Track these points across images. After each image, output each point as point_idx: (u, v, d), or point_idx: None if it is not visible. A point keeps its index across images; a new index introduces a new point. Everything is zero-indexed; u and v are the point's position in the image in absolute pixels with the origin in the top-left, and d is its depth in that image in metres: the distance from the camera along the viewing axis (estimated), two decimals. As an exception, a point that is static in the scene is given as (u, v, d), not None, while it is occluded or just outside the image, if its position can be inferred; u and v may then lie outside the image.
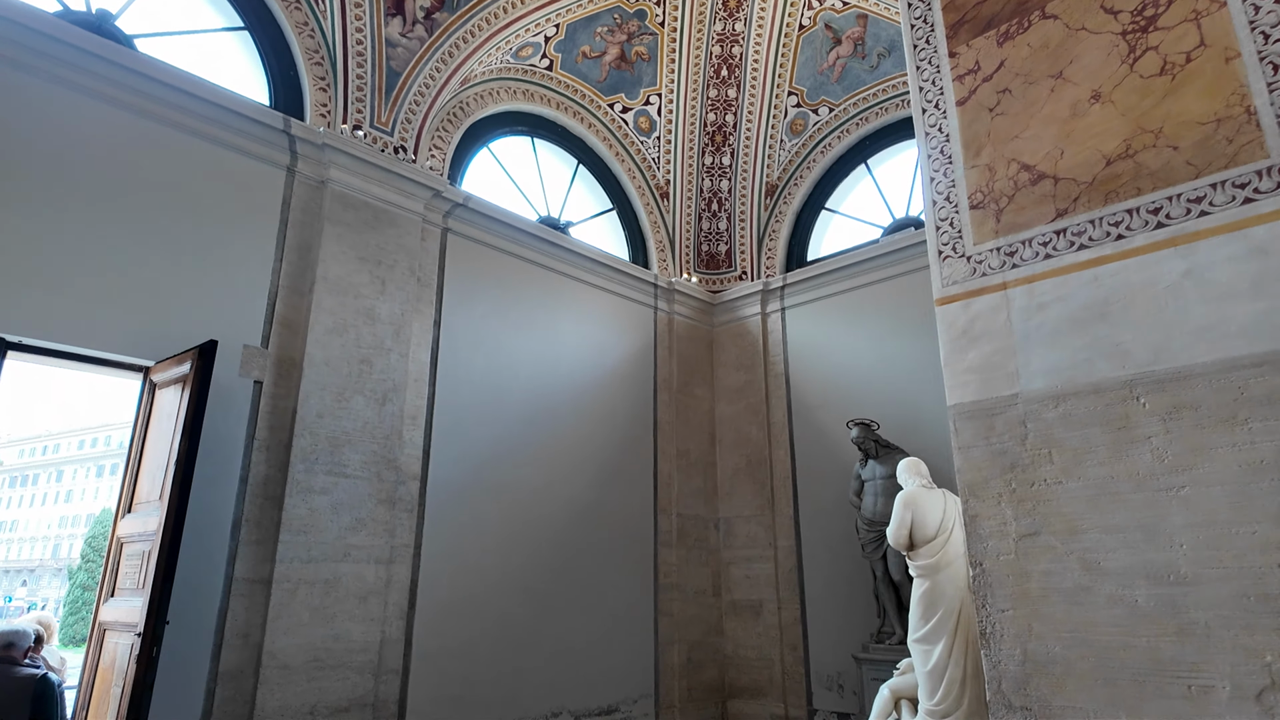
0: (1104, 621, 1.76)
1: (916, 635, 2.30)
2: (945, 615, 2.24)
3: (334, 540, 5.22)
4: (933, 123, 2.25)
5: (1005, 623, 1.85)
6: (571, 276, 7.50)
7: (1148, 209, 1.90)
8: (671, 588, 7.53)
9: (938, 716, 2.16)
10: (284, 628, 4.89)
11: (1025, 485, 1.89)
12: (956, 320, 2.08)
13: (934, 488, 2.64)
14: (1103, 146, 1.99)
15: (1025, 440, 1.91)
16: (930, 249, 2.22)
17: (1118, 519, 1.78)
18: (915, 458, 2.61)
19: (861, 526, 6.36)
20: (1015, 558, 1.88)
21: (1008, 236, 2.06)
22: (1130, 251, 1.87)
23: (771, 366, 8.27)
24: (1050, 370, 1.93)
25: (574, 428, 7.16)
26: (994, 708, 1.83)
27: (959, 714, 2.15)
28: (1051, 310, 1.97)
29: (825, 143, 8.40)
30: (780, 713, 7.32)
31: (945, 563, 2.29)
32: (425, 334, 6.21)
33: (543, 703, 6.30)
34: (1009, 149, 2.10)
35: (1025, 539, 1.87)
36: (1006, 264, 2.05)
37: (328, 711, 4.96)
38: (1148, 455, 1.79)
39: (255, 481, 5.06)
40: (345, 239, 5.74)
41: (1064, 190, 2.00)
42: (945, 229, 2.21)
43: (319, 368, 5.41)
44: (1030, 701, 1.78)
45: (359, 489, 5.42)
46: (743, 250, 8.74)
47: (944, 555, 2.29)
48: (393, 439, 5.69)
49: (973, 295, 2.07)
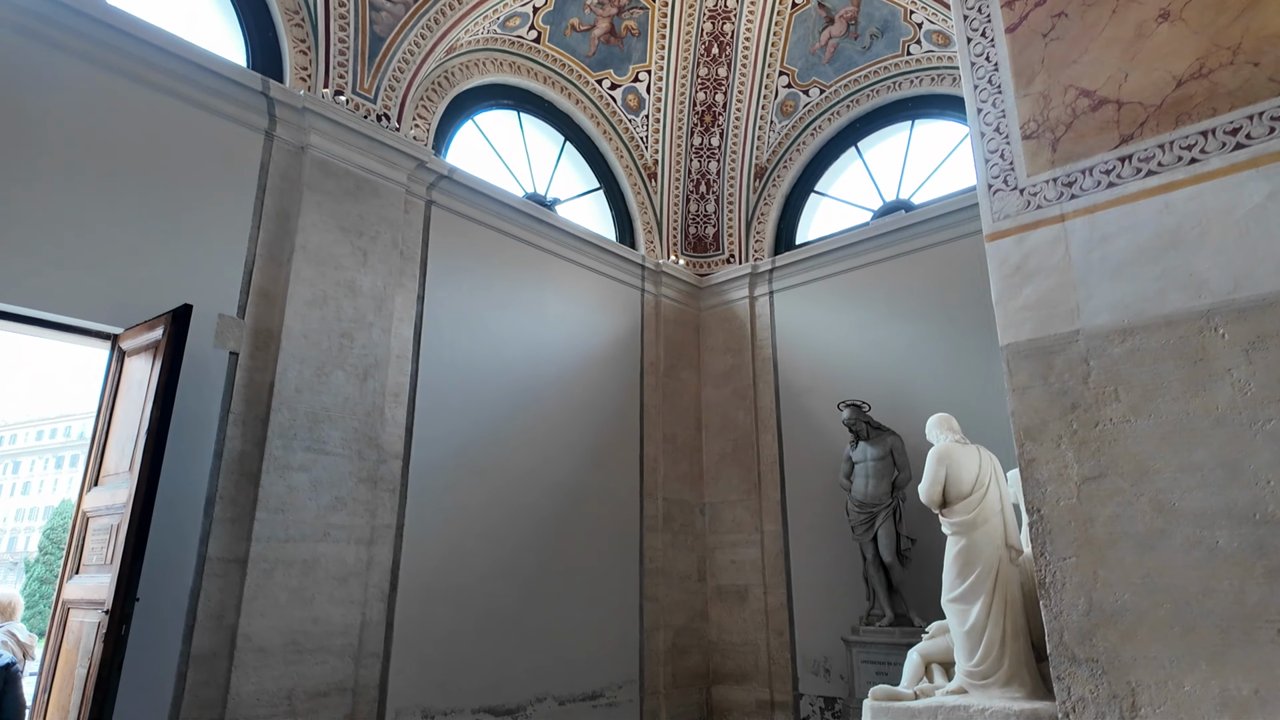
0: (1181, 566, 1.67)
1: (953, 594, 2.20)
2: (983, 573, 2.14)
3: (313, 519, 5.02)
4: (979, 51, 2.14)
5: (1067, 571, 1.75)
6: (558, 255, 7.33)
7: (1225, 130, 1.80)
8: (657, 573, 7.41)
9: (978, 678, 2.07)
10: (260, 609, 4.68)
11: (1088, 426, 1.79)
12: (1009, 256, 1.97)
13: (967, 443, 2.54)
14: (1173, 67, 1.89)
15: (1088, 379, 1.81)
16: (979, 182, 2.11)
17: (1195, 457, 1.68)
18: (945, 414, 2.51)
19: (852, 508, 6.30)
20: (1078, 502, 1.78)
21: (1065, 166, 1.96)
22: (1206, 175, 1.77)
23: (759, 350, 8.18)
24: (1115, 304, 1.83)
25: (560, 410, 7.00)
26: (1056, 662, 1.73)
27: (1000, 675, 2.05)
28: (1116, 241, 1.86)
29: (816, 125, 8.32)
30: (765, 698, 7.25)
31: (982, 519, 2.20)
32: (408, 309, 6.00)
33: (527, 688, 6.15)
34: (1066, 75, 2.00)
35: (1089, 482, 1.77)
36: (1064, 195, 1.95)
37: (306, 696, 4.76)
38: (1228, 389, 1.69)
39: (230, 457, 4.83)
40: (326, 208, 5.52)
41: (1129, 115, 1.90)
42: (995, 161, 2.10)
43: (298, 340, 5.19)
44: (1097, 653, 1.69)
45: (339, 467, 5.22)
46: (730, 233, 8.64)
47: (981, 511, 2.19)
48: (374, 416, 5.49)
49: (1027, 229, 1.96)
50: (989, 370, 6.56)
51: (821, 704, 6.95)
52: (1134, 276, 1.82)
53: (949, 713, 1.96)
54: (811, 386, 7.71)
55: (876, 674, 5.85)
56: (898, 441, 6.36)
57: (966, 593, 2.17)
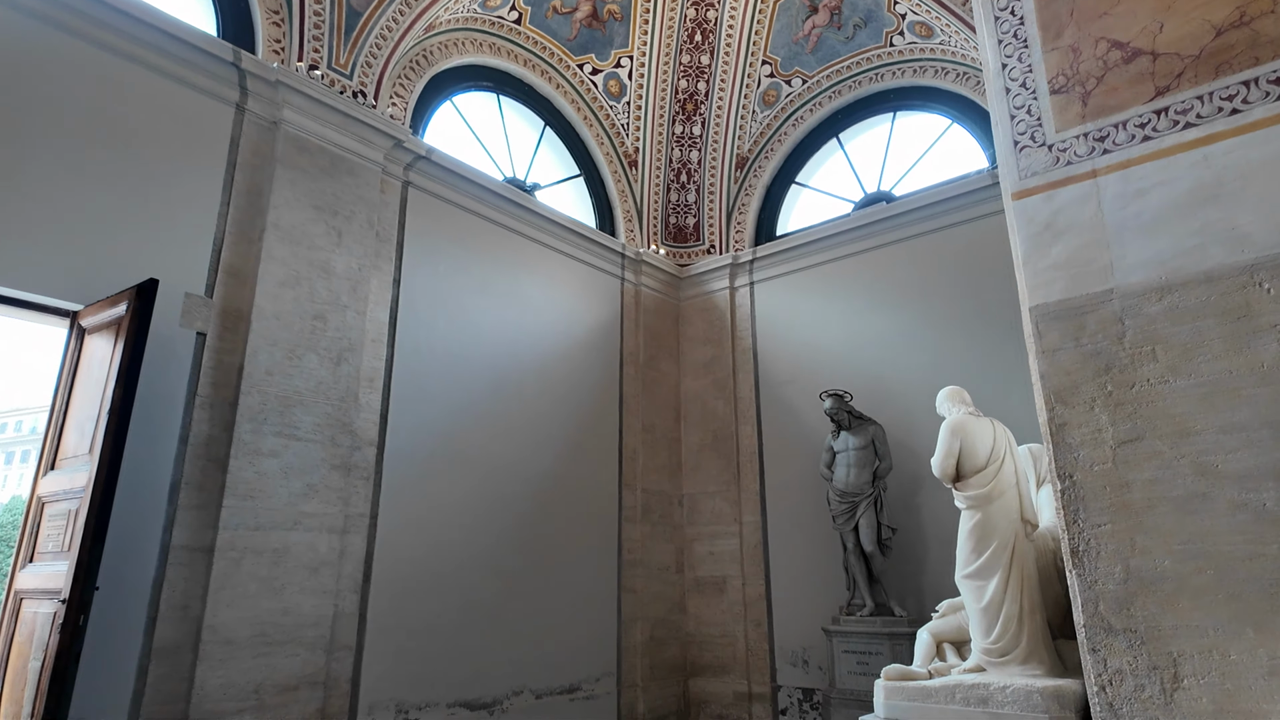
0: (1225, 530, 1.61)
1: (968, 570, 2.13)
2: (999, 548, 2.07)
3: (283, 507, 4.83)
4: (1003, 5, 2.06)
5: (1102, 538, 1.69)
6: (538, 241, 7.19)
7: (1269, 79, 1.75)
8: (635, 564, 7.32)
9: (996, 655, 2.00)
10: (227, 600, 4.49)
11: (1124, 387, 1.72)
12: (1037, 214, 1.90)
13: (980, 415, 2.48)
14: (1211, 16, 1.84)
15: (1123, 338, 1.75)
16: (1002, 140, 2.05)
17: (1239, 417, 1.63)
18: (956, 386, 2.45)
19: (833, 498, 6.27)
20: (1113, 466, 1.72)
21: (1097, 121, 1.90)
22: (1248, 126, 1.73)
23: (739, 341, 8.13)
24: (1151, 261, 1.77)
25: (539, 398, 6.87)
26: (1091, 633, 1.66)
27: (1018, 651, 1.99)
28: (1152, 196, 1.81)
29: (797, 115, 8.28)
30: (743, 690, 7.20)
31: (998, 492, 2.13)
32: (384, 292, 5.83)
33: (503, 681, 6.02)
34: (1096, 27, 1.95)
35: (1125, 445, 1.70)
36: (1096, 150, 1.89)
37: (275, 690, 4.59)
38: (1274, 345, 1.64)
39: (197, 442, 4.63)
40: (299, 185, 5.32)
41: (1164, 66, 1.85)
42: (1021, 117, 2.03)
43: (269, 322, 4.99)
44: (1135, 623, 1.63)
45: (311, 453, 5.04)
46: (711, 223, 8.57)
47: (997, 484, 2.13)
48: (348, 401, 5.31)
49: (1056, 186, 1.90)
50: (970, 361, 6.59)
51: (800, 695, 6.93)
52: (1171, 232, 1.77)
53: (967, 691, 1.89)
54: (791, 378, 7.68)
55: (858, 664, 5.82)
56: (879, 431, 6.34)
57: (982, 568, 2.10)
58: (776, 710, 7.04)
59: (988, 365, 6.49)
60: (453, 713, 5.62)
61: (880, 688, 2.11)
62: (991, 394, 6.40)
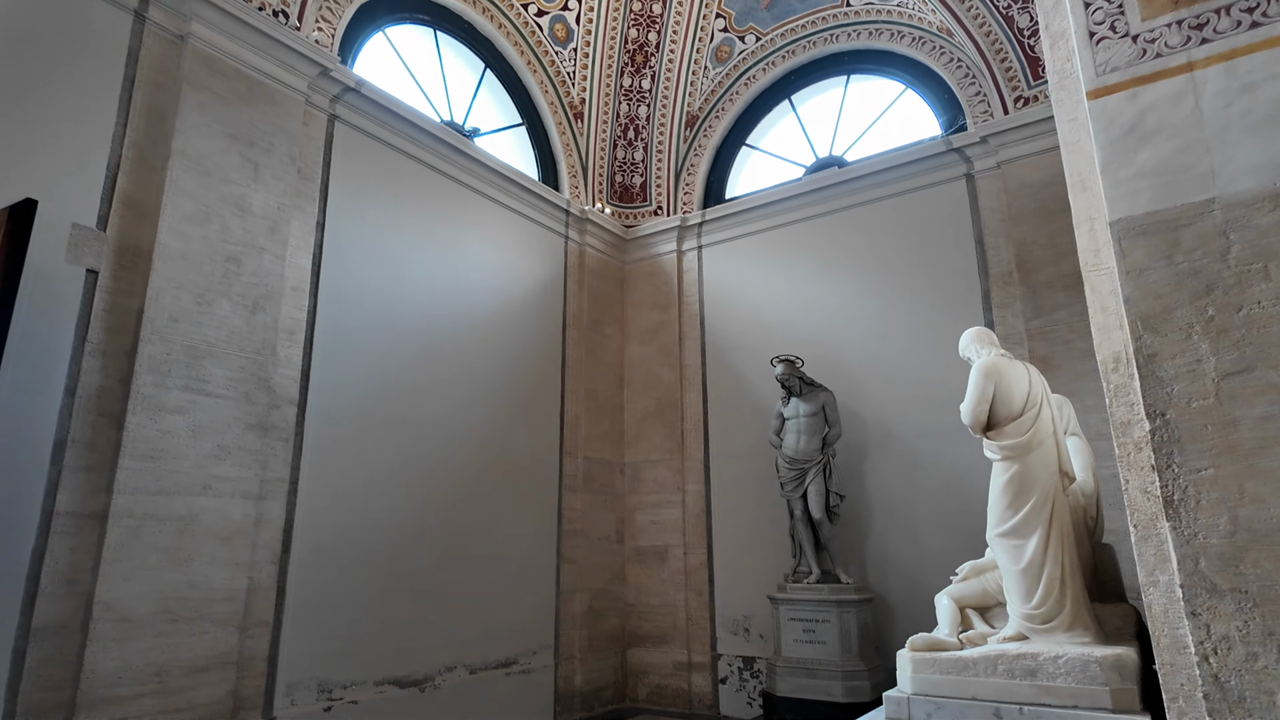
0: None
1: (1003, 528, 1.93)
2: (1039, 503, 1.88)
3: (191, 469, 4.32)
4: None
5: (1203, 485, 1.50)
6: (477, 191, 6.72)
7: None
8: (576, 534, 7.05)
9: (1039, 621, 1.82)
10: (124, 572, 3.97)
11: (1229, 311, 1.53)
12: (1119, 116, 1.67)
13: (1013, 358, 2.27)
14: None
15: (1227, 255, 1.55)
16: (1076, 32, 1.80)
17: None
18: (982, 327, 2.23)
19: (782, 465, 6.14)
20: (1216, 402, 1.53)
21: (1194, 7, 1.68)
22: None
23: (686, 307, 7.89)
24: (1263, 166, 1.56)
25: (477, 359, 6.46)
26: (1190, 593, 1.48)
27: (1063, 617, 1.81)
28: (1264, 91, 1.60)
29: (750, 74, 8.03)
30: (683, 660, 7.07)
31: (1037, 442, 1.93)
32: (306, 236, 5.29)
33: (436, 657, 5.67)
34: None
35: (1231, 378, 1.51)
36: (1193, 40, 1.68)
37: (181, 672, 4.11)
38: None
39: (86, 394, 4.06)
40: (211, 110, 4.72)
41: None
42: (1099, 4, 1.79)
43: (174, 262, 4.42)
44: (1245, 582, 1.45)
45: (223, 410, 4.52)
46: (659, 183, 8.26)
47: (1035, 433, 1.92)
48: (265, 355, 4.79)
49: (1143, 82, 1.68)
50: (920, 330, 6.54)
51: (740, 664, 6.84)
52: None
53: (1012, 662, 1.69)
54: (739, 344, 7.50)
55: (804, 631, 5.74)
56: (830, 398, 6.23)
57: (1020, 525, 1.90)
58: (716, 679, 6.93)
59: (938, 335, 6.44)
60: (381, 691, 5.24)
61: (906, 659, 1.89)
62: (942, 365, 6.38)
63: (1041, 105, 6.14)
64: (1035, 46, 6.32)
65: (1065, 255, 5.89)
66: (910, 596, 6.19)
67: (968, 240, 6.47)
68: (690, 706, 6.93)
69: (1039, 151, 6.12)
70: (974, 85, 6.73)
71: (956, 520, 6.09)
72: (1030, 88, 6.33)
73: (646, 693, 7.18)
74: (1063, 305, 5.83)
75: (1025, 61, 6.35)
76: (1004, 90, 6.44)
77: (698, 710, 6.90)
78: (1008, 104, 6.41)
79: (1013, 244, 6.15)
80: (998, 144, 6.30)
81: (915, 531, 6.27)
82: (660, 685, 7.12)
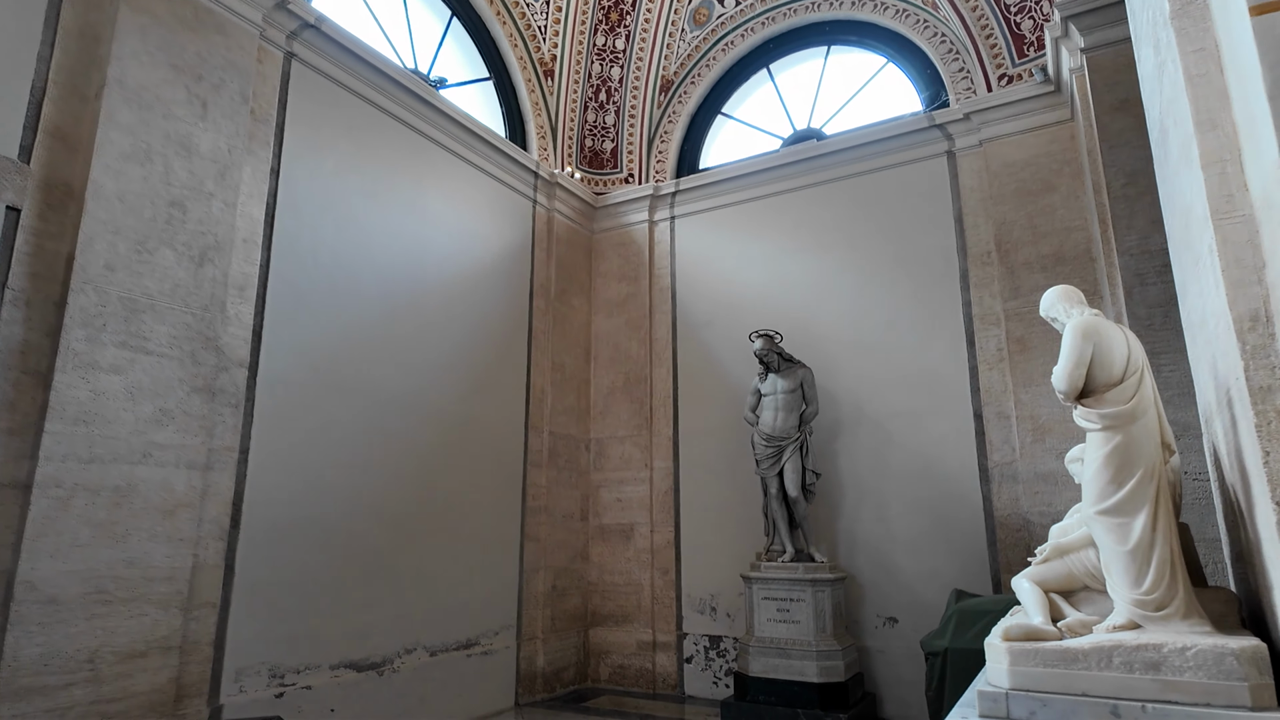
0: None
1: (1105, 504, 1.76)
2: (1144, 478, 1.73)
3: (129, 435, 3.89)
4: None
5: None
6: (443, 146, 6.31)
7: None
8: (540, 511, 6.78)
9: (1151, 608, 1.66)
10: (50, 549, 3.55)
11: None
12: None
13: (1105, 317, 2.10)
14: None
15: None
16: None
17: None
18: (1067, 285, 2.06)
19: (759, 442, 5.99)
20: None
21: None
22: None
23: (657, 279, 7.65)
24: None
25: (440, 326, 6.09)
26: None
27: (1178, 603, 1.65)
28: None
29: (728, 39, 7.77)
30: (648, 639, 6.92)
31: (1142, 410, 1.78)
32: (259, 183, 4.84)
33: (394, 639, 5.35)
34: None
35: None
36: None
37: (116, 658, 3.71)
38: None
39: (8, 349, 3.58)
40: (152, 36, 4.23)
41: None
42: None
43: (110, 203, 3.95)
44: None
45: (166, 371, 4.08)
46: (631, 150, 7.96)
47: (1140, 400, 1.76)
48: (213, 312, 4.36)
49: None
50: (896, 308, 6.47)
51: (706, 643, 6.72)
52: None
53: (1130, 654, 1.54)
54: (711, 319, 7.31)
55: (778, 610, 5.64)
56: (808, 374, 6.11)
57: (1125, 502, 1.74)
58: (681, 658, 6.81)
59: (914, 313, 6.39)
60: (337, 675, 4.91)
61: (1003, 651, 1.71)
62: (916, 343, 6.34)
63: (1026, 84, 6.08)
64: (1022, 24, 6.25)
65: (1044, 236, 5.88)
66: (879, 576, 6.16)
67: (947, 218, 6.40)
68: (654, 686, 6.80)
69: (1022, 131, 6.07)
70: (958, 61, 6.64)
71: (926, 501, 6.07)
72: (1015, 66, 6.27)
73: (609, 673, 7.01)
74: (1040, 287, 5.79)
75: (1011, 39, 6.28)
76: (989, 67, 6.36)
77: (661, 690, 6.77)
78: (992, 81, 6.34)
79: (992, 224, 6.11)
80: (981, 121, 6.22)
81: (885, 511, 6.23)
82: (623, 665, 6.96)
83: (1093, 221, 5.46)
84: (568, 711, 6.14)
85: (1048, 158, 5.94)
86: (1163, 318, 4.50)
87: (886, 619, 6.06)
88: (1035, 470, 5.59)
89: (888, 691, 5.89)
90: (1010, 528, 5.67)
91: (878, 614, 6.11)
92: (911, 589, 5.98)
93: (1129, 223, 4.74)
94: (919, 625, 5.84)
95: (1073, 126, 5.87)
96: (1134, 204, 4.75)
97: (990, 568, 5.73)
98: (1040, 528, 5.49)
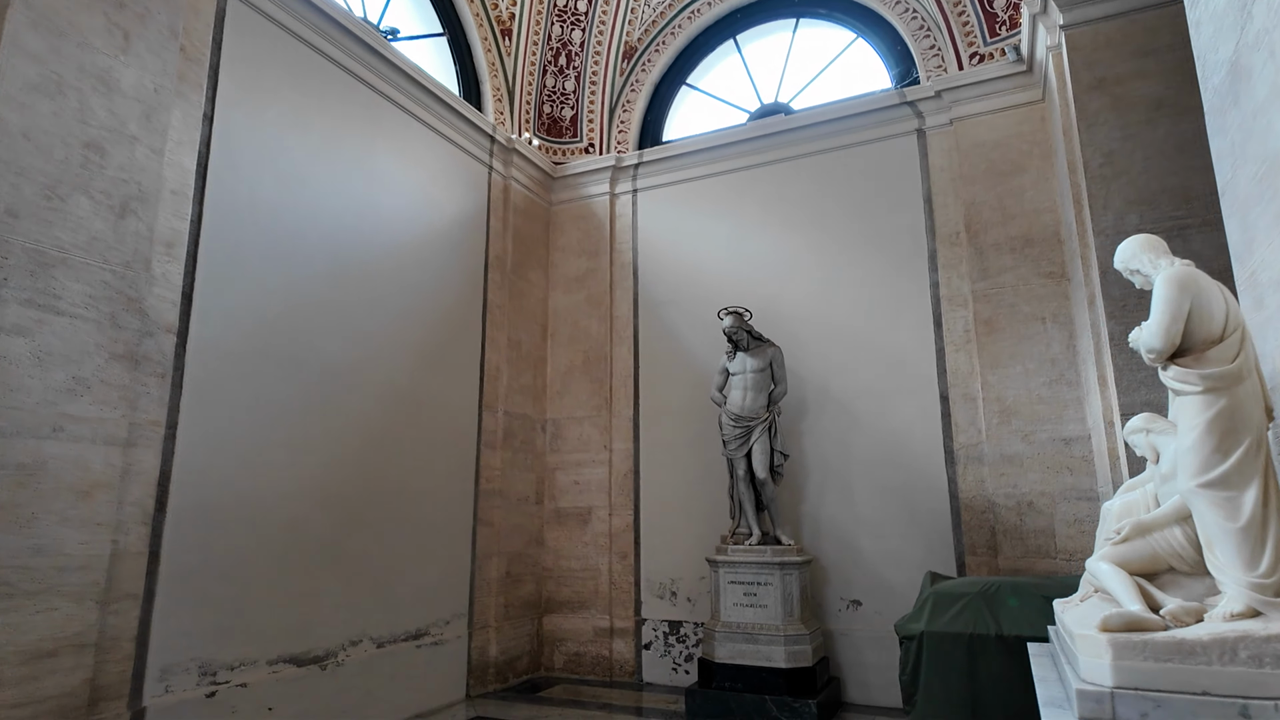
0: None
1: (1209, 476, 1.58)
2: (1252, 446, 1.56)
3: (36, 406, 3.40)
4: None
5: None
6: (394, 102, 5.87)
7: None
8: (494, 494, 6.45)
9: (1271, 592, 1.49)
10: (-60, 535, 3.07)
11: None
12: None
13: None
14: None
15: None
16: None
17: None
18: (1148, 234, 1.86)
19: (726, 422, 5.81)
20: None
21: None
22: None
23: (618, 255, 7.36)
24: None
25: (389, 295, 5.68)
26: None
27: None
28: None
29: (694, 7, 7.51)
30: (605, 625, 6.69)
31: (1246, 371, 1.60)
32: (191, 130, 4.34)
33: (339, 630, 4.97)
34: None
35: None
36: None
37: (20, 659, 3.26)
38: None
39: (-116, 302, 3.07)
40: (64, -49, 3.70)
41: None
42: None
43: (13, 140, 3.43)
44: None
45: (81, 335, 3.60)
46: (591, 118, 7.63)
47: (1245, 360, 1.58)
48: (137, 269, 3.88)
49: None
50: (863, 286, 6.36)
51: (666, 628, 6.54)
52: None
53: (1260, 646, 1.37)
54: (674, 297, 7.08)
55: (744, 595, 5.48)
56: (778, 353, 5.95)
57: (1231, 473, 1.56)
58: (639, 645, 6.61)
59: (882, 293, 6.30)
60: (276, 671, 4.51)
61: (1103, 644, 1.51)
62: (883, 323, 6.25)
63: (998, 63, 6.02)
64: (994, 2, 6.18)
65: (1014, 218, 5.84)
66: (842, 558, 6.08)
67: (916, 198, 6.31)
68: (611, 674, 6.58)
69: (993, 110, 6.02)
70: (929, 39, 6.54)
71: (891, 482, 6.00)
72: (986, 44, 6.21)
73: (563, 661, 6.76)
74: (1009, 268, 5.79)
75: (983, 17, 6.21)
76: (960, 45, 6.28)
77: (619, 678, 6.56)
78: (963, 60, 6.26)
79: (962, 204, 6.04)
80: (952, 100, 6.14)
81: (849, 493, 6.14)
82: (578, 653, 6.72)
83: (1064, 204, 5.43)
84: (521, 702, 5.86)
85: (1018, 139, 5.90)
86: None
87: (850, 602, 5.98)
88: (1001, 452, 5.57)
89: (851, 675, 5.81)
90: (975, 509, 5.65)
91: (841, 597, 6.02)
92: (876, 572, 5.92)
93: (1105, 202, 4.70)
94: (883, 608, 5.78)
95: (1044, 108, 5.84)
96: (1110, 184, 4.72)
97: (955, 550, 5.70)
98: (1005, 509, 5.49)
